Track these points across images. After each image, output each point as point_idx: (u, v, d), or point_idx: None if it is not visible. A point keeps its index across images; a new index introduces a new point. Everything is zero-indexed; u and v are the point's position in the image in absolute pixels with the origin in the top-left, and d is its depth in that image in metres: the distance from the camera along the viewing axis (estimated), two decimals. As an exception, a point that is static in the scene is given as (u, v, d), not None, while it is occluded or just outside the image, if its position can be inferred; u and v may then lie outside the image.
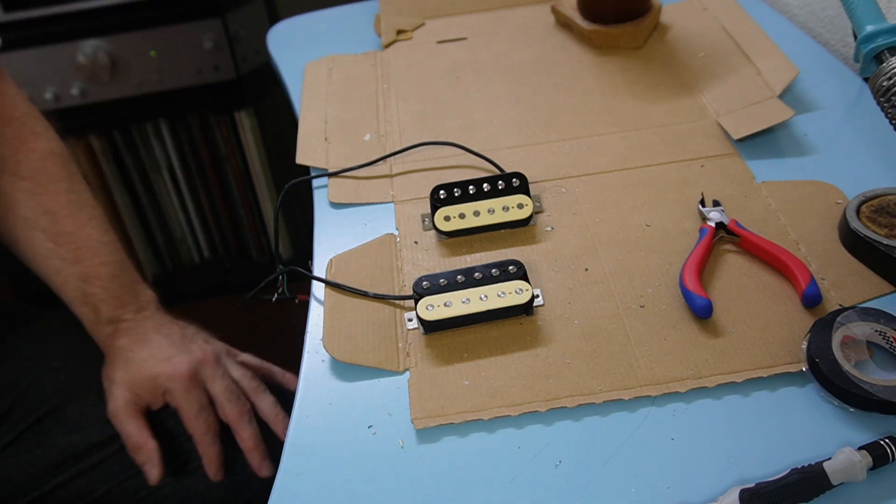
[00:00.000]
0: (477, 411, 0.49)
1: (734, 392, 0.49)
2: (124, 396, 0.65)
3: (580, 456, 0.46)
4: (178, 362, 0.65)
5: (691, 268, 0.55)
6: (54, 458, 0.67)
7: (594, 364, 0.51)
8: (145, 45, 1.33)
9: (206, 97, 1.40)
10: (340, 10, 0.97)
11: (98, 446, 0.68)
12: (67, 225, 0.69)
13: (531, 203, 0.61)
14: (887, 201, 0.58)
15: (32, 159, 0.70)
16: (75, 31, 1.30)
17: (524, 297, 0.53)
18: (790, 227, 0.59)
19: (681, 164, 0.66)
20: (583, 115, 0.73)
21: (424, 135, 0.73)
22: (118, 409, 0.65)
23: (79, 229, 0.69)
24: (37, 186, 0.70)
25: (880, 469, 0.44)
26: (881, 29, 0.53)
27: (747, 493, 0.42)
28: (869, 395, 0.45)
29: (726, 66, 0.77)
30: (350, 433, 0.49)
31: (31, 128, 0.71)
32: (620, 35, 0.81)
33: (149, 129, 1.43)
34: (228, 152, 1.47)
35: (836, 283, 0.55)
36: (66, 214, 0.70)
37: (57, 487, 0.66)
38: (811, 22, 0.86)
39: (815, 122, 0.69)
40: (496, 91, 0.78)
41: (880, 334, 0.49)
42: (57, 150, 0.72)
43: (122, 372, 0.66)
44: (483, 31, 0.88)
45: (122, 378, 0.65)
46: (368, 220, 0.65)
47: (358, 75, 0.83)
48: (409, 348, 0.54)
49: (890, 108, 0.52)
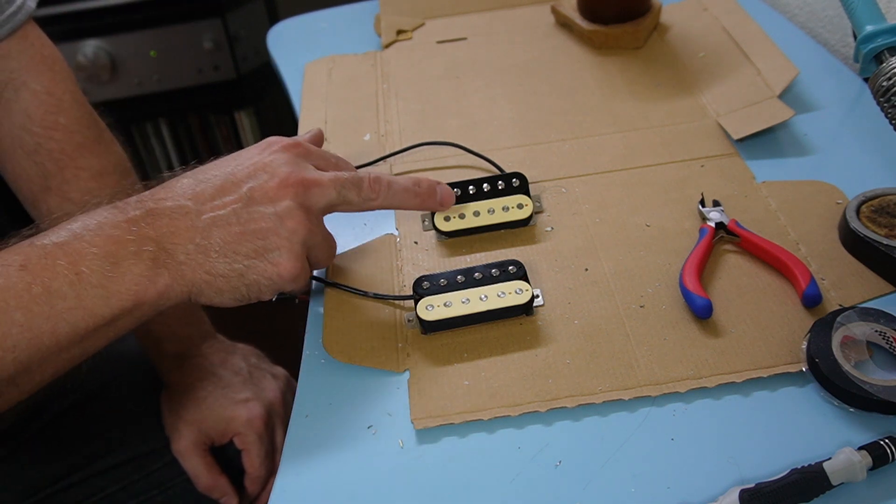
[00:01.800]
0: (477, 411, 0.49)
1: (734, 392, 0.49)
2: (193, 437, 0.64)
3: (580, 456, 0.46)
4: (252, 407, 0.65)
5: (691, 268, 0.55)
6: (72, 460, 0.66)
7: (594, 364, 0.51)
8: (145, 45, 1.33)
9: (206, 97, 1.40)
10: (340, 10, 0.97)
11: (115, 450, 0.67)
12: None
13: (531, 203, 0.61)
14: (887, 201, 0.58)
15: (82, 179, 0.65)
16: (75, 31, 1.30)
17: (524, 298, 0.53)
18: (790, 227, 0.59)
19: (681, 164, 0.66)
20: (583, 115, 0.73)
21: (424, 135, 0.73)
22: (187, 448, 0.64)
23: None
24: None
25: (880, 469, 0.44)
26: (881, 29, 0.53)
27: (747, 493, 0.42)
28: (869, 395, 0.45)
29: (726, 66, 0.77)
30: (350, 433, 0.49)
31: (80, 140, 0.66)
32: (620, 35, 0.81)
33: (149, 129, 1.43)
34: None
35: (836, 283, 0.55)
36: None
37: (71, 486, 0.66)
38: (811, 22, 0.86)
39: (815, 122, 0.69)
40: (496, 91, 0.78)
41: (880, 334, 0.49)
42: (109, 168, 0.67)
43: (193, 411, 0.65)
44: (483, 31, 0.88)
45: (192, 417, 0.64)
46: (368, 220, 0.65)
47: (358, 75, 0.83)
48: (409, 348, 0.54)
49: (890, 108, 0.52)
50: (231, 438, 0.65)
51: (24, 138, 0.64)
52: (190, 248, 0.46)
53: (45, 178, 0.65)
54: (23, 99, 0.63)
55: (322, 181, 0.50)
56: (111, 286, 0.45)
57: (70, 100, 0.65)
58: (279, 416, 0.67)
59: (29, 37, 0.63)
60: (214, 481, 0.64)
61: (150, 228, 0.46)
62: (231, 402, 0.64)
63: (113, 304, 0.45)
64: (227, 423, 0.64)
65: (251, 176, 0.49)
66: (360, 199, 0.52)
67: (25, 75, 0.63)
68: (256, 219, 0.47)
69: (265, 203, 0.48)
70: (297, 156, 0.51)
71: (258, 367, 0.69)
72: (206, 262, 0.46)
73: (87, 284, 0.44)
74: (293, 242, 0.48)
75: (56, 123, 0.64)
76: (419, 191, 0.56)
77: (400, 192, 0.54)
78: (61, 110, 0.65)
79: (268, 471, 0.66)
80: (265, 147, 0.51)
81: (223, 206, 0.47)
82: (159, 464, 0.67)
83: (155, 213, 0.46)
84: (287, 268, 0.48)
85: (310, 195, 0.49)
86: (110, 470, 0.66)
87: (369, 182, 0.52)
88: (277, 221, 0.47)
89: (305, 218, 0.48)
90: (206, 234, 0.47)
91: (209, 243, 0.46)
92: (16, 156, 0.64)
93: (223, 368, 0.66)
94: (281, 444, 0.66)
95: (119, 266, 0.45)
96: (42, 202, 0.65)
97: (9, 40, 0.62)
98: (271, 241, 0.47)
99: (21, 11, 0.62)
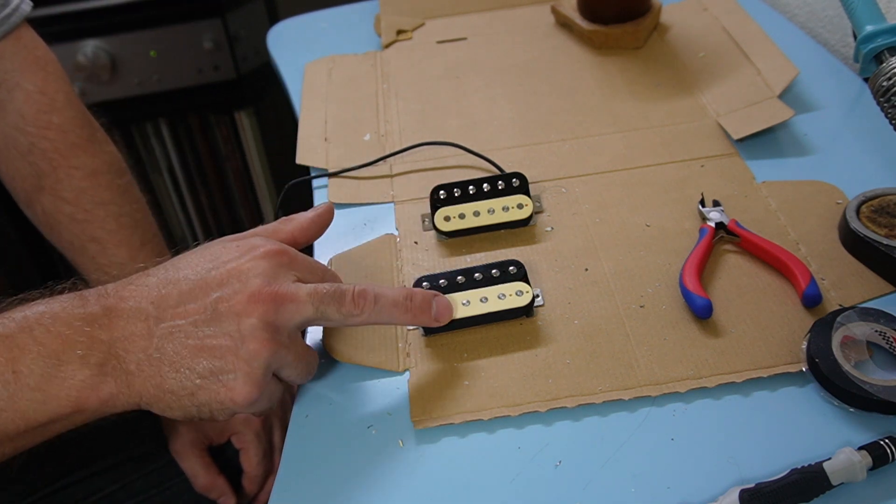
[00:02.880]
0: (477, 411, 0.49)
1: (734, 392, 0.49)
2: (190, 436, 0.64)
3: (580, 456, 0.46)
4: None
5: (691, 268, 0.55)
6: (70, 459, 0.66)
7: (594, 364, 0.51)
8: (145, 45, 1.33)
9: (206, 97, 1.40)
10: (340, 10, 0.97)
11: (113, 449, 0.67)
12: (118, 255, 0.66)
13: (531, 203, 0.61)
14: (887, 201, 0.58)
15: (75, 178, 0.65)
16: (75, 31, 1.30)
17: (524, 300, 0.53)
18: (790, 227, 0.59)
19: (681, 164, 0.66)
20: (583, 115, 0.73)
21: (424, 135, 0.73)
22: (185, 448, 0.64)
23: (131, 259, 0.66)
24: (81, 212, 0.65)
25: (880, 469, 0.44)
26: (881, 29, 0.53)
27: (747, 494, 0.42)
28: (869, 395, 0.45)
29: (726, 66, 0.77)
30: (350, 433, 0.49)
31: (73, 139, 0.65)
32: (620, 35, 0.81)
33: (149, 129, 1.43)
34: (228, 152, 1.47)
35: (836, 283, 0.55)
36: (115, 243, 0.66)
37: (69, 485, 0.66)
38: (811, 22, 0.86)
39: (815, 122, 0.69)
40: (496, 91, 0.78)
41: (880, 334, 0.49)
42: (103, 168, 0.66)
43: None
44: (483, 31, 0.88)
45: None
46: (368, 220, 0.65)
47: (358, 75, 0.83)
48: (409, 348, 0.54)
49: (890, 108, 0.52)
50: (229, 438, 0.65)
51: (17, 138, 0.64)
52: (141, 357, 0.43)
53: (39, 177, 0.65)
54: (16, 99, 0.64)
55: (298, 296, 0.45)
56: (50, 390, 0.42)
57: (63, 100, 0.65)
58: (277, 416, 0.67)
59: (23, 38, 0.64)
60: (212, 481, 0.64)
61: (103, 331, 0.43)
62: None
63: (49, 408, 0.42)
64: (225, 423, 0.64)
65: (222, 284, 0.44)
66: (341, 315, 0.46)
67: (19, 76, 0.63)
68: (217, 335, 0.43)
69: (229, 318, 0.43)
70: (277, 265, 0.46)
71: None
72: (156, 376, 0.43)
73: (24, 386, 0.41)
74: (252, 367, 0.43)
75: (49, 123, 0.64)
76: (411, 306, 0.49)
77: (388, 308, 0.48)
78: (54, 110, 0.64)
79: (266, 470, 0.65)
80: (247, 250, 0.46)
81: (184, 315, 0.43)
82: (157, 463, 0.67)
83: (113, 314, 0.43)
84: (241, 393, 0.43)
85: (281, 311, 0.44)
86: (109, 469, 0.66)
87: (353, 297, 0.46)
88: (238, 341, 0.43)
89: (271, 338, 0.43)
90: (160, 344, 0.43)
91: (162, 355, 0.43)
92: (10, 156, 0.65)
93: None
94: (279, 443, 0.66)
95: (62, 368, 0.42)
96: (36, 201, 0.66)
97: (3, 42, 0.62)
98: (228, 361, 0.43)
99: (15, 14, 0.63)
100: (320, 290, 0.46)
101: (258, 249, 0.46)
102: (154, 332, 0.43)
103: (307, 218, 0.53)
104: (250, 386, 0.43)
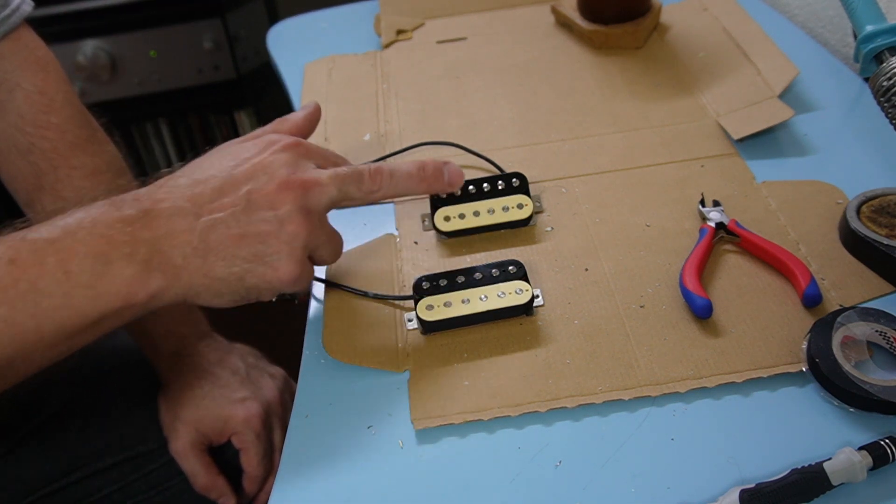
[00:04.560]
0: (477, 411, 0.49)
1: (734, 392, 0.49)
2: (190, 436, 0.64)
3: (580, 456, 0.46)
4: (250, 406, 0.64)
5: (691, 268, 0.55)
6: (69, 459, 0.66)
7: (594, 364, 0.51)
8: (145, 45, 1.33)
9: (206, 97, 1.40)
10: (340, 10, 0.97)
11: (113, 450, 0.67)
12: None
13: (531, 203, 0.61)
14: (887, 201, 0.58)
15: (76, 178, 0.65)
16: (75, 31, 1.30)
17: (524, 298, 0.53)
18: (790, 227, 0.59)
19: (681, 164, 0.66)
20: (583, 115, 0.73)
21: (424, 135, 0.73)
22: (185, 448, 0.64)
23: None
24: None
25: (880, 469, 0.44)
26: (881, 29, 0.53)
27: (747, 494, 0.42)
28: (869, 395, 0.45)
29: (726, 66, 0.77)
30: (350, 433, 0.49)
31: (73, 139, 0.65)
32: (620, 35, 0.81)
33: (149, 129, 1.43)
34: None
35: (836, 283, 0.55)
36: None
37: (68, 486, 0.66)
38: (811, 22, 0.86)
39: (815, 122, 0.69)
40: (496, 91, 0.78)
41: (880, 334, 0.49)
42: (103, 168, 0.67)
43: (190, 410, 0.64)
44: (483, 31, 0.88)
45: (189, 417, 0.64)
46: (368, 220, 0.65)
47: (358, 75, 0.83)
48: (409, 348, 0.54)
49: (890, 108, 0.52)
50: (229, 438, 0.65)
51: (17, 138, 0.64)
52: (187, 250, 0.46)
53: (39, 177, 0.65)
54: (16, 99, 0.64)
55: (321, 180, 0.49)
56: (100, 287, 0.44)
57: (62, 100, 0.65)
58: (277, 416, 0.67)
59: (22, 38, 0.64)
60: (212, 481, 0.64)
61: (145, 230, 0.45)
62: (228, 401, 0.64)
63: (101, 304, 0.44)
64: (225, 423, 0.64)
65: (250, 178, 0.48)
66: (362, 192, 0.51)
67: (19, 76, 0.64)
68: (256, 222, 0.46)
69: (265, 207, 0.47)
70: (297, 156, 0.50)
71: (256, 367, 0.69)
72: (204, 266, 0.46)
73: (76, 284, 0.44)
74: (293, 247, 0.47)
75: (48, 123, 0.65)
76: (425, 175, 0.54)
77: (403, 180, 0.53)
78: (53, 110, 0.65)
79: (266, 470, 0.65)
80: (265, 146, 0.50)
81: (222, 209, 0.46)
82: (157, 464, 0.66)
83: (151, 215, 0.46)
84: (287, 272, 0.47)
85: (310, 196, 0.48)
86: (108, 470, 0.66)
87: (370, 174, 0.51)
88: (278, 225, 0.47)
89: (306, 220, 0.47)
90: (204, 236, 0.46)
91: (207, 246, 0.46)
92: (10, 156, 0.65)
93: (220, 367, 0.66)
94: (279, 443, 0.66)
95: (110, 267, 0.44)
96: (36, 201, 0.66)
97: (3, 42, 0.62)
98: (271, 244, 0.47)
99: (15, 14, 0.63)
100: (340, 173, 0.50)
101: (277, 143, 0.50)
102: (195, 227, 0.46)
103: (300, 117, 0.57)
104: (294, 264, 0.47)
